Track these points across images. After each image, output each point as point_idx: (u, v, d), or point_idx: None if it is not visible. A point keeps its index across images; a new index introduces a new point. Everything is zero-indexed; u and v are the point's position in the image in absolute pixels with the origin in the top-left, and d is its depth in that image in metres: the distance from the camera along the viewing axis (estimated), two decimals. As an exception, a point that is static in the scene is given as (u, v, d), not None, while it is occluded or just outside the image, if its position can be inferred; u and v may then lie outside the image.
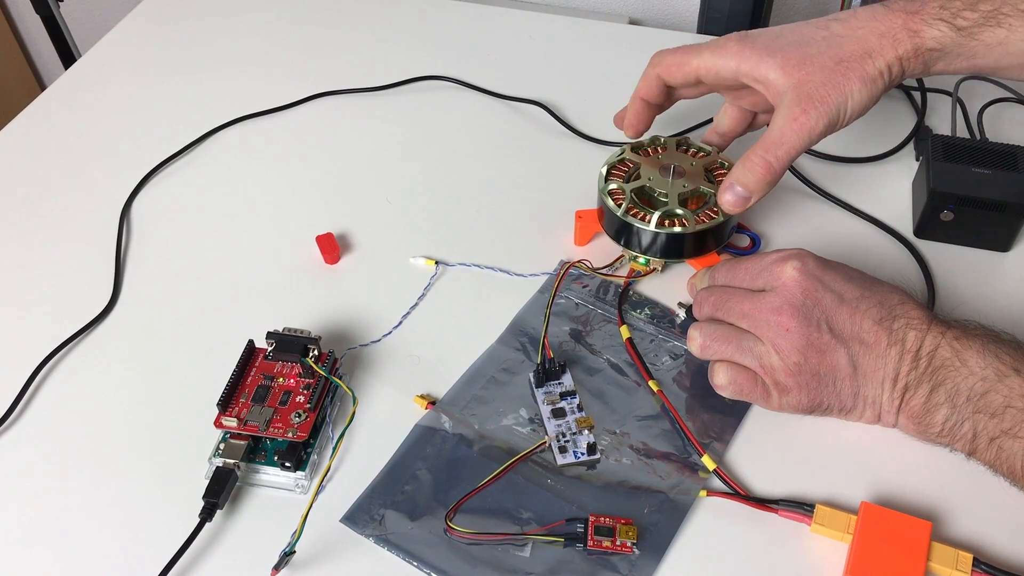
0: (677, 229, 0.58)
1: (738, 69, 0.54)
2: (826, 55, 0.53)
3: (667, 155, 0.62)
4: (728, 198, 0.55)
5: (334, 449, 0.51)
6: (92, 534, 0.49)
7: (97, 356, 0.58)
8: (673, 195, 0.59)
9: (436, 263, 0.63)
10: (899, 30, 0.53)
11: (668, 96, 0.61)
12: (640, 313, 0.59)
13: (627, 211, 0.59)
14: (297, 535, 0.46)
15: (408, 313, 0.60)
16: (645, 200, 0.60)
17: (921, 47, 0.53)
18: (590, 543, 0.47)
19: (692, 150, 0.63)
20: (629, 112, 0.61)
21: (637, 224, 0.58)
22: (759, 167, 0.54)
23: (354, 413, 0.53)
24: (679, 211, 0.58)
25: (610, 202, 0.59)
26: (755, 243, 0.63)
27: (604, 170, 0.61)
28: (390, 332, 0.59)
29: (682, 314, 0.58)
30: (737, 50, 0.54)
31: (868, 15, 0.54)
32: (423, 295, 0.61)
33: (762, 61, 0.53)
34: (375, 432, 0.53)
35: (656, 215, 0.58)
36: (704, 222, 0.58)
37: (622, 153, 0.63)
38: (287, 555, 0.46)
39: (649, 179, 0.60)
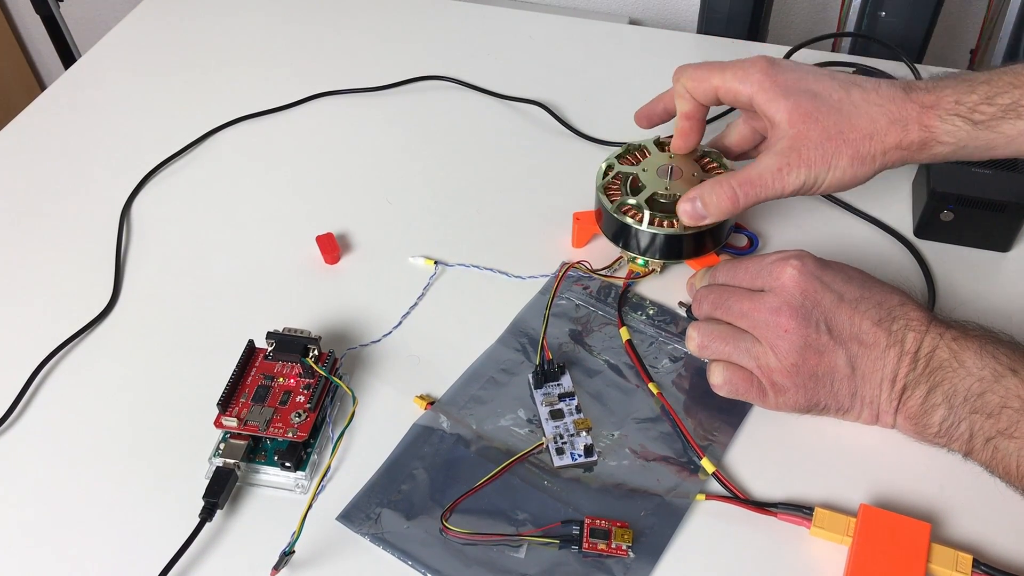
0: (676, 229, 0.58)
1: (753, 99, 0.54)
2: (831, 119, 0.52)
3: (655, 156, 0.62)
4: (687, 208, 0.55)
5: (334, 449, 0.52)
6: (92, 534, 0.49)
7: (97, 356, 0.58)
8: (678, 196, 0.59)
9: (435, 263, 0.63)
10: (911, 121, 0.52)
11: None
12: (640, 315, 0.59)
13: (624, 213, 0.59)
14: (296, 535, 0.46)
15: (408, 313, 0.60)
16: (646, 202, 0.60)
17: (931, 140, 0.52)
18: (585, 545, 0.47)
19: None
20: (680, 131, 0.59)
21: (635, 225, 0.58)
22: (726, 196, 0.54)
23: (354, 413, 0.53)
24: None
25: (622, 216, 0.59)
26: (753, 243, 0.63)
27: (601, 181, 0.61)
28: (390, 332, 0.59)
29: (683, 313, 0.58)
30: (759, 79, 0.54)
31: (888, 95, 0.53)
32: (422, 295, 0.61)
33: (776, 100, 0.53)
34: (375, 432, 0.53)
35: (668, 219, 0.58)
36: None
37: (613, 160, 0.62)
38: (287, 555, 0.46)
39: (649, 183, 0.60)
